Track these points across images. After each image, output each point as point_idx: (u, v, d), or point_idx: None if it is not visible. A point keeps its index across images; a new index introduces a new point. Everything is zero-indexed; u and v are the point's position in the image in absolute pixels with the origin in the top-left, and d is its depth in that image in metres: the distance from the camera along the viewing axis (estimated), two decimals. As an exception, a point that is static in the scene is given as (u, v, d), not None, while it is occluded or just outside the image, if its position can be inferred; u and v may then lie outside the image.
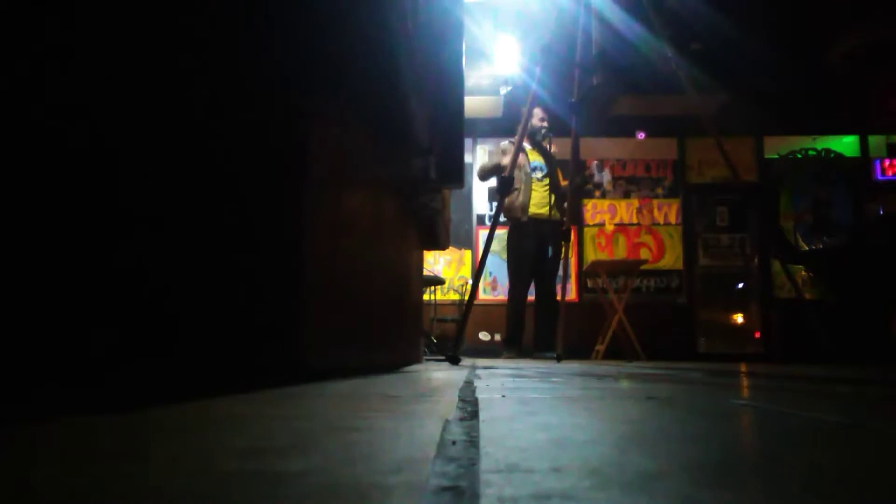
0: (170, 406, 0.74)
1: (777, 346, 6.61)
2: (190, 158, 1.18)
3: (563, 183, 4.93)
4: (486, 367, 2.63)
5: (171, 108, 1.18)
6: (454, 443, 0.50)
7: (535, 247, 4.89)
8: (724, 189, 7.10)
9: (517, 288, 5.01)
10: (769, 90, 6.58)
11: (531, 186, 4.99)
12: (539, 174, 5.02)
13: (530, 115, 4.00)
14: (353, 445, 0.47)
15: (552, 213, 4.96)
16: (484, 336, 6.84)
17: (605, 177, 4.54)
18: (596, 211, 7.29)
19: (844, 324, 4.43)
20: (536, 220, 4.94)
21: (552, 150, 5.06)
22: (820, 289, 5.54)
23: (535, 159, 5.08)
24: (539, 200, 4.98)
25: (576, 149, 4.41)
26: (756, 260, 7.13)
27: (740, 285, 7.21)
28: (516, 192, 4.93)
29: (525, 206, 4.96)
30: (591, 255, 6.99)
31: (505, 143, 5.08)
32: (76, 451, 0.45)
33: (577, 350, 5.47)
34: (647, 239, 7.23)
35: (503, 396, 0.98)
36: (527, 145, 5.10)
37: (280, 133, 1.20)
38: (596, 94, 4.05)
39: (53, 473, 0.37)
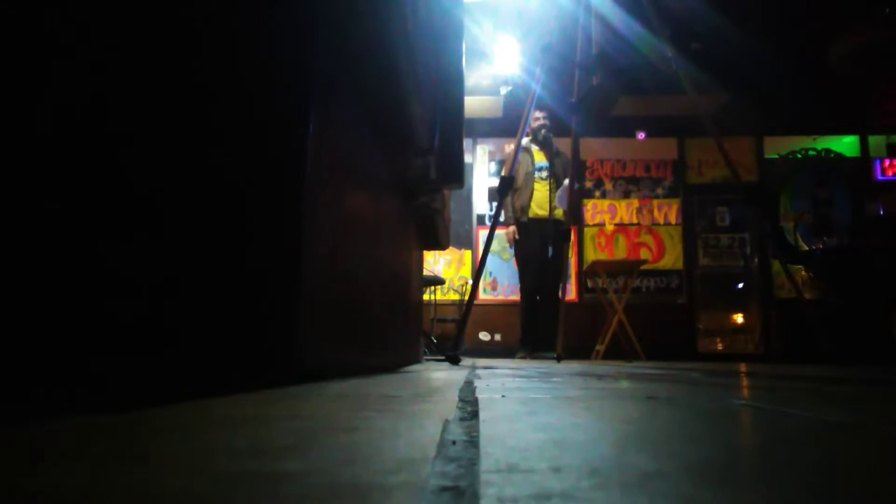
0: (170, 406, 0.74)
1: (777, 346, 6.61)
2: (188, 158, 1.18)
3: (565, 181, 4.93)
4: (486, 367, 2.63)
5: (168, 106, 1.18)
6: (454, 443, 0.50)
7: (539, 246, 4.91)
8: (724, 189, 7.10)
9: (525, 289, 5.03)
10: (769, 90, 6.58)
11: (532, 187, 4.99)
12: (544, 173, 5.03)
13: (529, 115, 4.00)
14: (353, 445, 0.47)
15: (553, 212, 4.97)
16: (484, 336, 6.83)
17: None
18: (596, 211, 7.29)
19: (844, 324, 4.43)
20: (537, 220, 4.95)
21: (562, 151, 5.07)
22: (820, 289, 5.53)
23: (541, 159, 5.09)
24: (541, 200, 4.99)
25: (576, 149, 4.42)
26: (756, 260, 7.13)
27: (740, 285, 7.21)
28: (516, 193, 4.95)
29: (525, 207, 4.97)
30: (591, 255, 6.99)
31: (511, 147, 5.10)
32: (76, 452, 0.45)
33: (577, 350, 5.47)
34: (647, 239, 7.23)
35: (503, 396, 0.98)
36: (534, 146, 5.13)
37: (279, 132, 1.20)
38: (596, 95, 4.05)
39: (53, 474, 0.37)
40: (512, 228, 5.03)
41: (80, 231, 1.11)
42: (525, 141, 4.98)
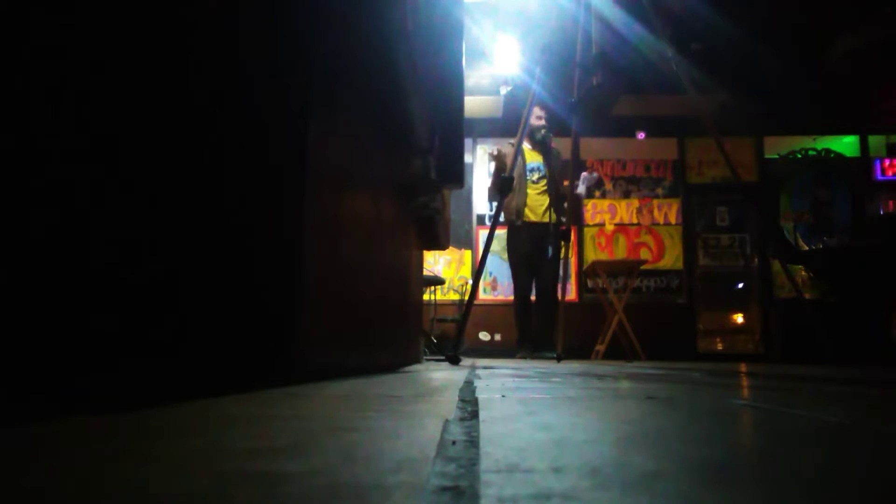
0: (170, 406, 0.74)
1: (777, 346, 6.61)
2: (188, 157, 1.18)
3: (565, 183, 4.90)
4: (486, 367, 2.63)
5: (167, 106, 1.18)
6: (454, 443, 0.50)
7: (530, 248, 4.88)
8: (724, 189, 7.10)
9: (518, 289, 5.02)
10: (769, 90, 6.58)
11: (526, 188, 4.96)
12: (536, 175, 4.99)
13: (529, 114, 3.99)
14: (353, 445, 0.47)
15: (549, 215, 4.92)
16: (484, 336, 6.84)
17: (582, 188, 4.69)
18: (596, 211, 7.29)
19: (844, 324, 4.43)
20: (531, 223, 4.91)
21: (554, 148, 5.04)
22: (820, 289, 5.53)
23: (534, 160, 5.03)
24: (534, 203, 4.94)
25: (576, 149, 4.41)
26: (756, 260, 7.13)
27: (740, 285, 7.21)
28: (512, 194, 4.91)
29: (520, 209, 4.92)
30: (591, 255, 6.99)
31: (506, 146, 5.01)
32: (76, 452, 0.45)
33: (577, 350, 5.47)
34: (647, 239, 7.23)
35: (503, 396, 0.98)
36: (526, 145, 5.09)
37: (279, 132, 1.20)
38: (596, 95, 4.04)
39: (53, 474, 0.37)
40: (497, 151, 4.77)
41: (81, 231, 1.11)
42: (508, 145, 4.96)
